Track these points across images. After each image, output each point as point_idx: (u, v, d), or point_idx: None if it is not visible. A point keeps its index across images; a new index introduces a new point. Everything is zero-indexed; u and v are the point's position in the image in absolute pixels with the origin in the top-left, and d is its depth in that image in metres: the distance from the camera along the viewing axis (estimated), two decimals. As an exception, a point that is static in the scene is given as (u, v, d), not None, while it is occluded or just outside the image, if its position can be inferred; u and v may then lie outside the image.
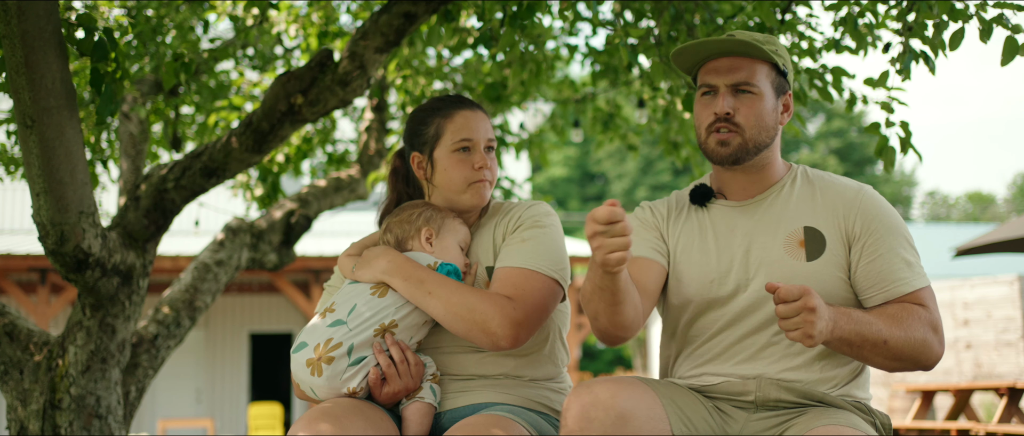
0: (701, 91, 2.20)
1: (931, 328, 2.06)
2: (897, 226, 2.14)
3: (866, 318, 2.00)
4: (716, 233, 2.22)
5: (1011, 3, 2.90)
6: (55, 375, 3.40)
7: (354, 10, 5.18)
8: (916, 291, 2.10)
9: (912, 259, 2.12)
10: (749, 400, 2.10)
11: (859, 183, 2.20)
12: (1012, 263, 20.31)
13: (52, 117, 2.81)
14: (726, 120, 2.14)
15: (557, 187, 37.77)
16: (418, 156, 2.35)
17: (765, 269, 2.14)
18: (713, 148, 2.17)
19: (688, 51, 2.19)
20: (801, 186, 2.22)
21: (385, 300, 2.19)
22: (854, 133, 39.08)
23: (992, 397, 11.66)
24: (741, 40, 2.14)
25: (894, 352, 2.02)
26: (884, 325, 2.01)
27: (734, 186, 2.24)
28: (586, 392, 1.91)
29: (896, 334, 2.01)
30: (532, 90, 5.37)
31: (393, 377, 2.14)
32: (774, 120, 2.19)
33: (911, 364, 2.06)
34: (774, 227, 2.17)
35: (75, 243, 3.12)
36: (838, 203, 2.16)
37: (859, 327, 1.99)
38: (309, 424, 2.01)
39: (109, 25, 3.83)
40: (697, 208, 2.28)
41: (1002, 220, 41.72)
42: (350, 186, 5.22)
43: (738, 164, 2.18)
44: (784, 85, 2.21)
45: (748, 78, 2.15)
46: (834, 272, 2.12)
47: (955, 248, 9.58)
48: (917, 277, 2.11)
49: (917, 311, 2.06)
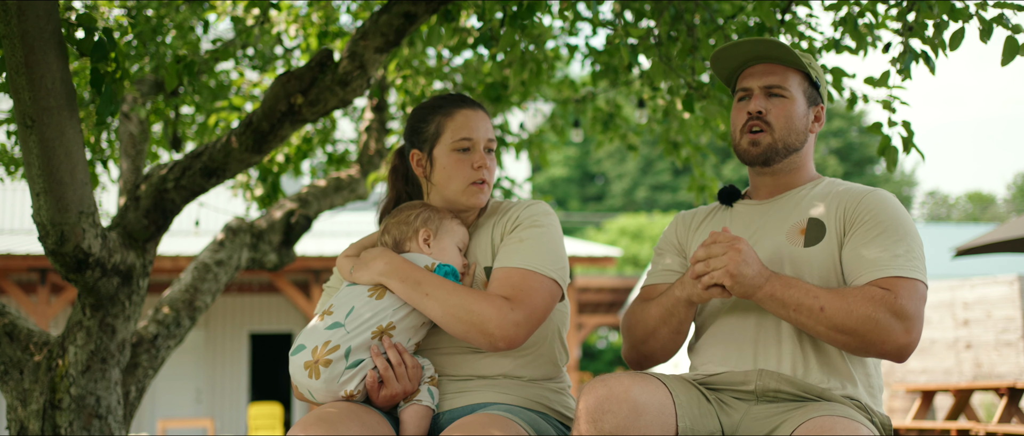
0: (738, 96, 2.33)
1: (888, 310, 2.01)
2: (893, 222, 2.14)
3: (806, 285, 2.05)
4: (732, 229, 2.30)
5: (1011, 3, 2.90)
6: (55, 375, 3.40)
7: (354, 10, 5.17)
8: (888, 277, 2.07)
9: (898, 252, 2.10)
10: (749, 390, 2.13)
11: (876, 188, 2.25)
12: (1012, 263, 20.30)
13: (52, 117, 2.81)
14: (758, 118, 2.26)
15: (557, 187, 37.77)
16: (417, 153, 2.34)
17: (767, 254, 2.20)
18: (745, 148, 2.29)
19: (727, 54, 2.31)
20: (820, 189, 2.30)
21: (383, 302, 2.18)
22: (854, 133, 39.08)
23: (992, 397, 11.66)
24: (777, 42, 2.26)
25: (833, 322, 2.01)
26: (825, 294, 2.03)
27: (762, 188, 2.35)
28: (601, 385, 1.94)
29: (835, 304, 2.01)
30: (532, 90, 5.37)
31: (391, 380, 2.14)
32: (804, 126, 2.29)
33: (860, 341, 2.02)
34: (783, 219, 2.26)
35: (75, 243, 3.12)
36: (845, 199, 2.22)
37: (794, 291, 2.03)
38: (305, 429, 2.01)
39: (109, 25, 3.83)
40: (725, 208, 2.39)
41: (1002, 220, 41.72)
42: (350, 186, 5.22)
43: (768, 165, 2.28)
44: (816, 97, 2.33)
45: (781, 82, 2.28)
46: (828, 259, 2.16)
47: (955, 248, 9.58)
48: (895, 266, 2.08)
49: (876, 292, 2.04)
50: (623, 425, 1.89)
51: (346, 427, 2.03)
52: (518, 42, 3.87)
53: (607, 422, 1.89)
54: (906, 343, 2.03)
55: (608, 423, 1.89)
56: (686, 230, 2.42)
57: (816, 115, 2.33)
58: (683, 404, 2.03)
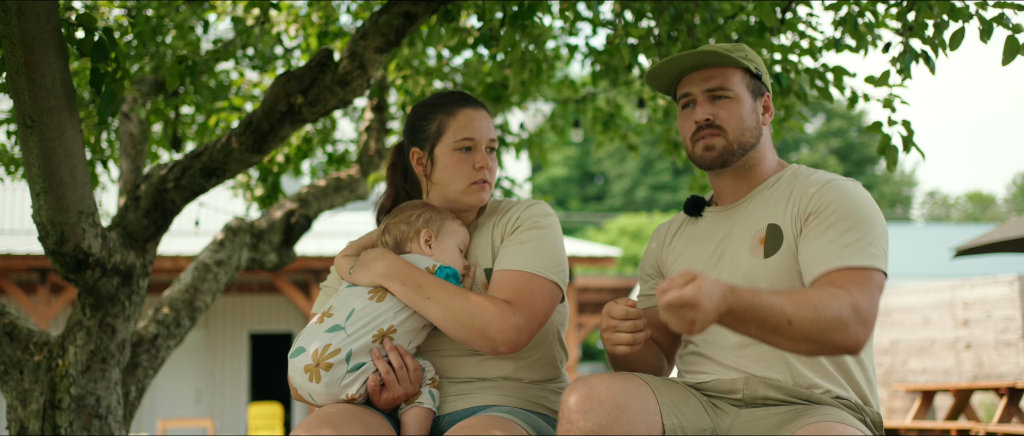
0: (681, 104, 2.27)
1: (850, 307, 1.90)
2: (850, 210, 2.05)
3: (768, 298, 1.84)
4: (698, 241, 2.28)
5: (1011, 3, 2.90)
6: (55, 375, 3.40)
7: (354, 10, 5.17)
8: (841, 269, 1.98)
9: (849, 240, 2.00)
10: (737, 398, 2.12)
11: (834, 176, 2.16)
12: (1012, 263, 20.31)
13: (52, 117, 2.81)
14: (707, 125, 2.20)
15: (557, 187, 37.77)
16: (418, 152, 2.32)
17: (730, 269, 2.16)
18: (700, 155, 2.23)
19: (661, 70, 2.25)
20: (782, 185, 2.22)
21: (383, 305, 2.17)
22: (854, 133, 39.07)
23: (992, 397, 11.66)
24: (709, 50, 2.20)
25: (802, 332, 1.85)
26: (790, 304, 1.85)
27: (725, 191, 2.29)
28: (582, 385, 1.94)
29: (802, 313, 1.85)
30: (532, 90, 5.37)
31: (392, 383, 2.13)
32: (755, 121, 2.23)
33: (826, 346, 1.90)
34: (746, 228, 2.20)
35: (75, 243, 3.12)
36: (803, 196, 2.13)
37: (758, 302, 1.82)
38: (308, 431, 2.00)
39: (109, 25, 3.83)
40: (694, 218, 2.33)
41: (1002, 220, 41.71)
42: (350, 186, 5.22)
43: (726, 166, 2.22)
44: (760, 87, 2.27)
45: (723, 83, 2.21)
46: (788, 266, 2.10)
47: (955, 248, 9.57)
48: (848, 255, 1.98)
49: (833, 291, 1.92)
50: (605, 424, 1.88)
51: (350, 429, 2.03)
52: (518, 42, 3.86)
53: (589, 421, 1.88)
54: (860, 337, 1.91)
55: (590, 422, 1.88)
56: (660, 247, 2.38)
57: (764, 105, 2.26)
58: (668, 403, 2.01)
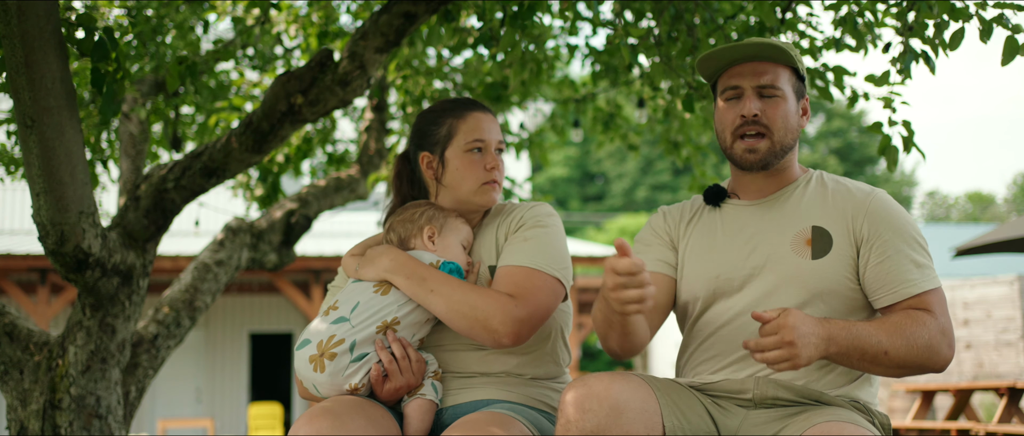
0: (725, 94, 2.22)
1: (939, 332, 2.05)
2: (905, 228, 2.14)
3: (865, 332, 2.00)
4: (725, 231, 2.25)
5: (1011, 3, 2.90)
6: (55, 375, 3.40)
7: (354, 10, 5.17)
8: (923, 294, 2.09)
9: (922, 260, 2.12)
10: (747, 398, 2.11)
11: (872, 187, 2.21)
12: (1012, 263, 20.32)
13: (52, 117, 2.81)
14: (754, 121, 2.17)
15: (557, 187, 37.76)
16: (428, 156, 2.35)
17: (771, 266, 2.16)
18: (740, 155, 2.20)
19: (714, 56, 2.21)
20: (814, 188, 2.24)
21: (388, 298, 2.21)
22: (854, 133, 39.07)
23: (992, 397, 11.66)
24: (769, 43, 2.17)
25: (897, 361, 2.01)
26: (885, 335, 2.01)
27: (751, 187, 2.27)
28: (581, 385, 1.94)
29: (897, 343, 2.01)
30: (532, 90, 5.37)
31: (395, 373, 2.16)
32: (796, 123, 2.23)
33: (917, 370, 2.05)
34: (783, 225, 2.20)
35: (75, 243, 3.12)
36: (848, 205, 2.17)
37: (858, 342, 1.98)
38: (310, 422, 2.01)
39: (109, 25, 3.83)
40: (711, 209, 2.31)
41: (1002, 220, 41.73)
42: (350, 186, 5.23)
43: (766, 169, 2.21)
44: (802, 89, 2.26)
45: (773, 80, 2.18)
46: (840, 271, 2.12)
47: (955, 248, 9.58)
48: (926, 279, 2.10)
49: (922, 317, 2.05)
50: (603, 424, 1.88)
51: (351, 420, 2.04)
52: (518, 42, 3.87)
53: (587, 421, 1.88)
54: (949, 358, 2.07)
55: (588, 422, 1.88)
56: (677, 224, 2.33)
57: (803, 108, 2.27)
58: (668, 404, 2.01)
